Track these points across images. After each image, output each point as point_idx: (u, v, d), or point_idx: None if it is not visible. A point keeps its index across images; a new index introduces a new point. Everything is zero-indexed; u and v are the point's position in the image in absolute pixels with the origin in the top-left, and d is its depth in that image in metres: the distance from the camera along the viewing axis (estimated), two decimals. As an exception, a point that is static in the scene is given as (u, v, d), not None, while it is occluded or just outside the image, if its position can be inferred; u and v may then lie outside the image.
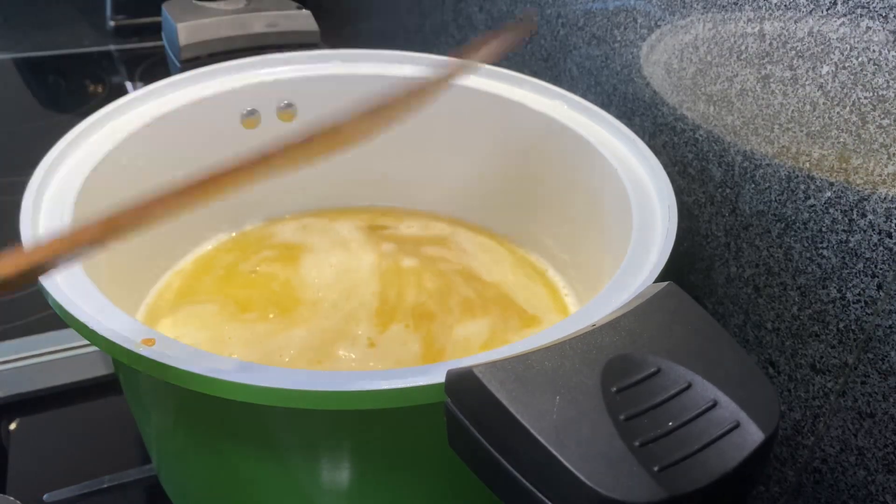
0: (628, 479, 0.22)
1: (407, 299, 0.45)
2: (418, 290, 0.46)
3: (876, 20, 0.31)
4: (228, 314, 0.44)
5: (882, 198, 0.32)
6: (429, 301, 0.45)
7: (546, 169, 0.47)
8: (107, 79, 0.90)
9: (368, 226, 0.52)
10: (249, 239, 0.50)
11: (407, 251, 0.50)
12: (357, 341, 0.42)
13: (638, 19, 0.44)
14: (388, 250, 0.50)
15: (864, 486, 0.35)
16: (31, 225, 0.34)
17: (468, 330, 0.44)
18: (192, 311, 0.44)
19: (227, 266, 0.48)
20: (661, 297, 0.28)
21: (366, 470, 0.32)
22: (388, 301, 0.45)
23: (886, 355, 0.33)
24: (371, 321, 0.44)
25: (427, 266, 0.48)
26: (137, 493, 0.43)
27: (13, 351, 0.50)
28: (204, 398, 0.27)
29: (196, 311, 0.45)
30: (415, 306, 0.45)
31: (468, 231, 0.52)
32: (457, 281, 0.47)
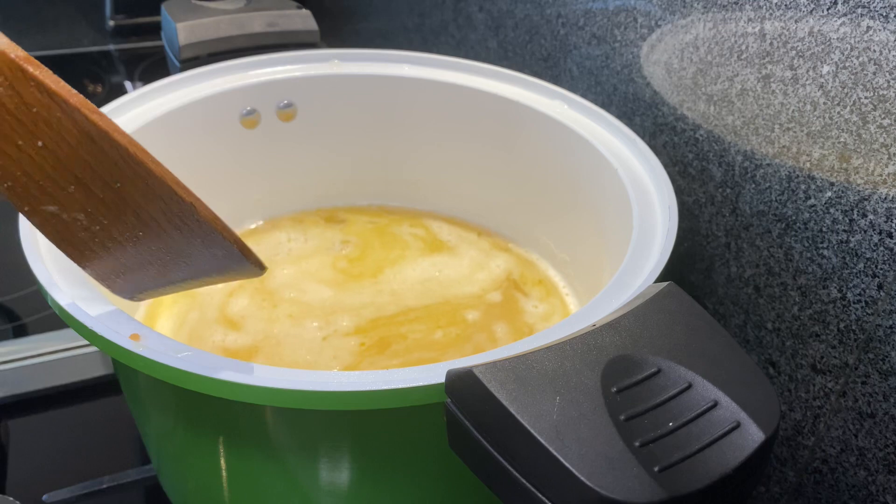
0: (628, 480, 0.22)
1: (406, 299, 0.45)
2: (418, 289, 0.46)
3: (876, 20, 0.31)
4: (228, 314, 0.44)
5: (882, 198, 0.32)
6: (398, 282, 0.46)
7: (546, 169, 0.47)
8: (106, 79, 0.90)
9: (368, 226, 0.52)
10: (249, 239, 0.50)
11: (406, 251, 0.50)
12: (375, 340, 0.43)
13: (638, 19, 0.44)
14: (388, 250, 0.50)
15: (865, 487, 0.35)
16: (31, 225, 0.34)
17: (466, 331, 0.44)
18: (192, 311, 0.44)
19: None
20: (662, 297, 0.28)
21: (366, 470, 0.32)
22: (384, 301, 0.45)
23: (887, 355, 0.33)
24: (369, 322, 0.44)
25: (426, 266, 0.48)
26: (137, 493, 0.43)
27: (13, 351, 0.50)
28: (203, 398, 0.27)
29: (196, 311, 0.45)
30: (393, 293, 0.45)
31: (468, 231, 0.52)
32: (456, 281, 0.47)
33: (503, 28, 0.59)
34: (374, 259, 0.49)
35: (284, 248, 0.50)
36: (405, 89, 0.49)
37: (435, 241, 0.51)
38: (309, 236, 0.51)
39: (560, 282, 0.48)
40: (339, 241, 0.50)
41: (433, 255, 0.49)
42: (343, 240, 0.50)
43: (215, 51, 0.56)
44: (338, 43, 0.90)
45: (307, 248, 0.50)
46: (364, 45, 0.78)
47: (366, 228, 0.52)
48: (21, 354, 0.50)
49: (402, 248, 0.50)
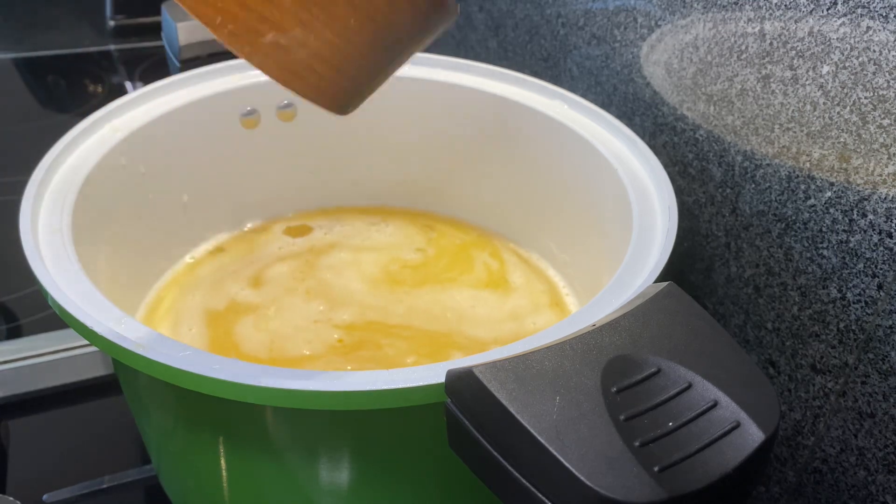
0: (628, 480, 0.22)
1: (415, 318, 0.45)
2: (436, 313, 0.45)
3: (876, 20, 0.31)
4: (229, 314, 0.44)
5: (882, 198, 0.32)
6: (401, 287, 0.46)
7: (546, 169, 0.47)
8: (106, 79, 0.90)
9: (366, 225, 0.52)
10: (250, 238, 0.50)
11: (406, 251, 0.50)
12: (355, 340, 0.43)
13: (638, 19, 0.44)
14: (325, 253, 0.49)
15: (865, 487, 0.35)
16: (31, 225, 0.34)
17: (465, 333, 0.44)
18: (192, 311, 0.44)
19: (227, 265, 0.48)
20: (661, 298, 0.28)
21: (366, 470, 0.32)
22: (394, 311, 0.45)
23: (887, 355, 0.33)
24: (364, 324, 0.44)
25: (466, 297, 0.47)
26: (137, 493, 0.43)
27: (13, 351, 0.50)
28: (204, 398, 0.27)
29: (196, 311, 0.45)
30: (391, 296, 0.45)
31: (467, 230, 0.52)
32: (370, 257, 0.48)
33: (503, 28, 0.59)
34: (428, 272, 0.48)
35: (365, 233, 0.51)
36: (405, 89, 0.49)
37: (500, 278, 0.48)
38: (393, 230, 0.51)
39: (560, 282, 0.48)
40: (415, 247, 0.50)
41: (484, 289, 0.47)
42: (419, 247, 0.49)
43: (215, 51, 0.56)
44: (338, 43, 0.90)
45: (382, 241, 0.50)
46: (364, 45, 0.78)
47: (449, 241, 0.50)
48: (21, 354, 0.50)
49: (461, 272, 0.48)
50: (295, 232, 0.51)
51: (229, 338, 0.43)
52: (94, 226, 0.37)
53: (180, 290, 0.46)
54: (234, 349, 0.42)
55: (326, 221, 0.52)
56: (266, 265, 0.48)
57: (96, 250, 0.38)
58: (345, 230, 0.51)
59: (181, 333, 0.43)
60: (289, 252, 0.49)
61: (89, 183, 0.38)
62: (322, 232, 0.51)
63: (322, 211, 0.53)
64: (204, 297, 0.45)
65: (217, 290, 0.46)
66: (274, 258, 0.48)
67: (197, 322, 0.44)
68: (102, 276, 0.37)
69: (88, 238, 0.36)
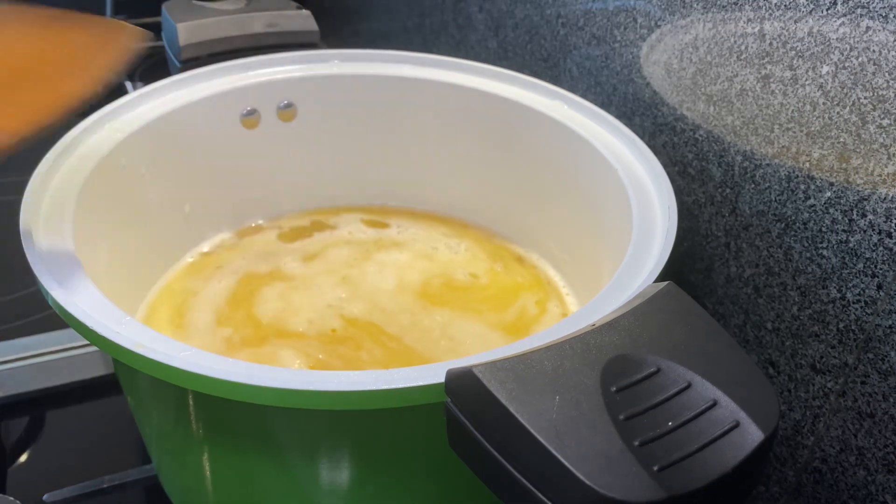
0: (628, 479, 0.22)
1: (415, 314, 0.45)
2: (435, 308, 0.45)
3: (876, 20, 0.31)
4: (229, 313, 0.44)
5: (882, 198, 0.32)
6: (425, 302, 0.45)
7: (546, 169, 0.47)
8: (107, 79, 0.90)
9: (366, 225, 0.52)
10: (250, 237, 0.50)
11: (405, 251, 0.50)
12: (345, 335, 0.43)
13: (638, 19, 0.44)
14: (386, 249, 0.50)
15: (864, 487, 0.35)
16: (31, 225, 0.34)
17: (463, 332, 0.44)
18: (192, 311, 0.44)
19: (227, 265, 0.48)
20: (661, 297, 0.28)
21: (366, 470, 0.32)
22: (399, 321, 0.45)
23: (886, 355, 0.33)
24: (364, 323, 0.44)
25: (425, 266, 0.48)
26: (137, 493, 0.43)
27: (13, 351, 0.50)
28: (204, 398, 0.27)
29: (196, 311, 0.45)
30: (409, 307, 0.45)
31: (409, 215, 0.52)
32: (421, 265, 0.47)
33: (503, 28, 0.59)
34: (461, 297, 0.46)
35: (434, 242, 0.50)
36: (405, 89, 0.49)
37: (525, 326, 0.45)
38: (464, 248, 0.50)
39: (560, 282, 0.48)
40: (471, 271, 0.48)
41: (498, 331, 0.44)
42: (475, 272, 0.48)
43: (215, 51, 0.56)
44: (338, 43, 0.90)
45: (445, 255, 0.49)
46: (364, 45, 0.78)
47: (508, 278, 0.48)
48: (21, 354, 0.50)
49: (492, 308, 0.45)
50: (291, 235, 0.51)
51: (251, 295, 0.45)
52: (94, 226, 0.37)
53: (181, 290, 0.46)
54: (248, 306, 0.45)
55: (398, 220, 0.52)
56: (326, 245, 0.49)
57: (96, 250, 0.38)
58: (418, 234, 0.51)
59: (210, 286, 0.44)
60: (354, 239, 0.50)
61: (89, 183, 0.38)
62: (395, 230, 0.51)
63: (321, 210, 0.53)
64: (249, 261, 0.48)
65: (266, 258, 0.47)
66: (339, 241, 0.50)
67: (230, 278, 0.46)
68: (102, 276, 0.37)
69: (88, 238, 0.36)
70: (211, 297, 0.45)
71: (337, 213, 0.53)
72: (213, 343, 0.43)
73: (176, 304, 0.45)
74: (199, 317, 0.44)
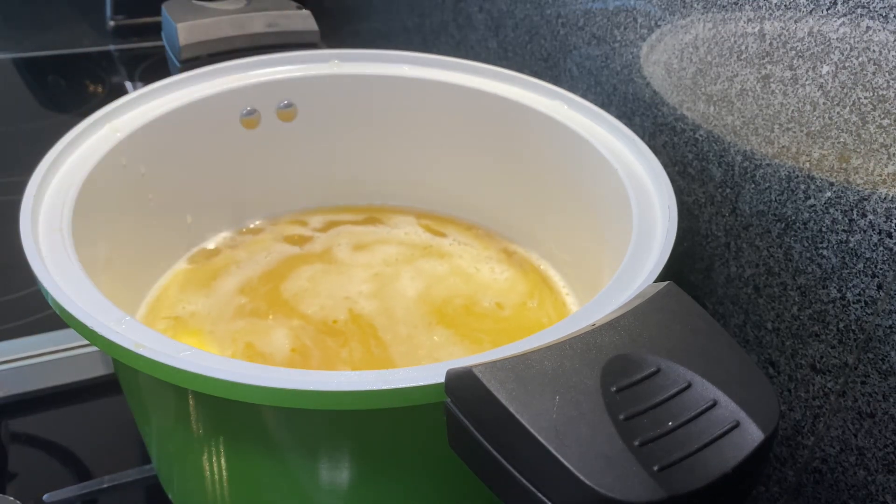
0: (628, 479, 0.22)
1: (416, 326, 0.45)
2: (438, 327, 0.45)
3: (876, 20, 0.31)
4: (229, 313, 0.44)
5: (882, 198, 0.32)
6: (434, 319, 0.45)
7: (546, 169, 0.47)
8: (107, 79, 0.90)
9: (367, 225, 0.52)
10: (250, 237, 0.50)
11: (405, 251, 0.50)
12: (342, 329, 0.43)
13: (638, 19, 0.44)
14: (385, 249, 0.49)
15: (864, 486, 0.35)
16: (31, 225, 0.34)
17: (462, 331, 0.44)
18: (192, 311, 0.44)
19: (227, 264, 0.48)
20: (661, 297, 0.28)
21: (366, 470, 0.32)
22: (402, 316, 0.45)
23: (886, 355, 0.33)
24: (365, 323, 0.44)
25: (457, 284, 0.47)
26: (137, 493, 0.43)
27: (13, 351, 0.50)
28: (204, 398, 0.27)
29: (196, 311, 0.45)
30: (415, 320, 0.45)
31: (467, 229, 0.52)
32: (455, 281, 0.47)
33: (503, 28, 0.59)
34: (470, 322, 0.45)
35: (484, 264, 0.49)
36: (405, 89, 0.49)
37: None
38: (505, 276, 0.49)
39: (560, 282, 0.48)
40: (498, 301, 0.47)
41: None
42: (502, 302, 0.47)
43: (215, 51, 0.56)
44: (338, 43, 0.90)
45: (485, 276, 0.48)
46: (364, 45, 0.78)
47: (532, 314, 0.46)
48: (21, 354, 0.50)
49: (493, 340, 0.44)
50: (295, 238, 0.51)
51: (285, 272, 0.47)
52: (94, 226, 0.37)
53: (181, 290, 0.46)
54: (278, 280, 0.46)
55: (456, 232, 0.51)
56: (379, 240, 0.50)
57: (96, 250, 0.38)
58: (469, 250, 0.50)
59: (182, 333, 0.43)
60: (407, 240, 0.50)
61: (89, 183, 0.38)
62: (450, 241, 0.50)
63: (321, 210, 0.53)
64: (206, 296, 0.46)
65: (219, 290, 0.46)
66: (392, 239, 0.50)
67: (272, 253, 0.48)
68: (102, 276, 0.37)
69: (88, 238, 0.36)
70: (249, 267, 0.47)
71: (335, 213, 0.53)
72: (224, 307, 0.45)
73: (214, 268, 0.45)
74: (228, 281, 0.46)
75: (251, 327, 0.44)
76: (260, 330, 0.43)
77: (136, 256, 0.44)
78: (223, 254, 0.49)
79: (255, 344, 0.43)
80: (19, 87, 0.89)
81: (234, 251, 0.49)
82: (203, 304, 0.45)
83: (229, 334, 0.43)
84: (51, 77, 0.92)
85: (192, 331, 0.44)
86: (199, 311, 0.45)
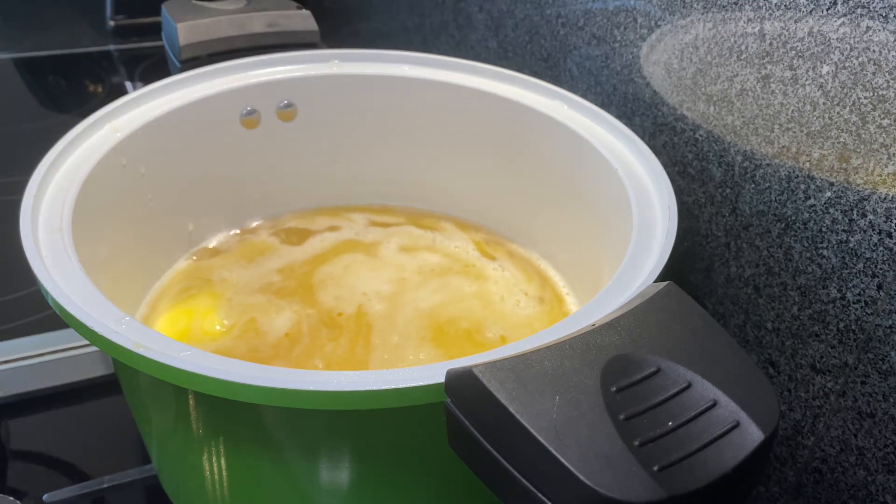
0: (628, 479, 0.22)
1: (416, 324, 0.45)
2: (429, 302, 0.45)
3: (876, 20, 0.31)
4: (255, 286, 0.45)
5: (882, 198, 0.32)
6: (411, 290, 0.46)
7: (546, 169, 0.47)
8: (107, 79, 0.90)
9: (367, 224, 0.52)
10: (250, 237, 0.50)
11: (445, 263, 0.49)
12: (344, 323, 0.43)
13: (638, 19, 0.44)
14: (428, 257, 0.49)
15: (864, 487, 0.35)
16: (31, 225, 0.34)
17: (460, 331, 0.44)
18: (225, 278, 0.45)
19: (227, 264, 0.48)
20: (661, 297, 0.28)
21: (365, 470, 0.32)
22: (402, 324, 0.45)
23: (886, 355, 0.33)
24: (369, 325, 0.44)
25: (475, 309, 0.47)
26: (137, 493, 0.43)
27: (13, 351, 0.50)
28: (203, 398, 0.27)
29: (230, 279, 0.45)
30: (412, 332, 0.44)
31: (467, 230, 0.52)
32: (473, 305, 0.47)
33: (503, 28, 0.59)
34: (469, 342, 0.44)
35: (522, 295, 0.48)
36: (405, 89, 0.49)
37: None
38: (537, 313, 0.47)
39: (560, 282, 0.48)
40: (338, 240, 0.50)
41: None
42: (342, 238, 0.50)
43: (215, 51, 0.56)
44: (338, 43, 0.90)
45: (306, 247, 0.50)
46: (364, 45, 0.78)
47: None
48: (21, 354, 0.50)
49: None
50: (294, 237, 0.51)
51: (330, 256, 0.48)
52: (94, 226, 0.37)
53: (181, 290, 0.46)
54: (318, 265, 0.48)
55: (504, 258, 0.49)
56: (429, 246, 0.50)
57: (96, 250, 0.38)
58: (511, 279, 0.48)
59: (182, 333, 0.43)
60: (452, 252, 0.49)
61: (89, 183, 0.38)
62: (495, 266, 0.49)
63: (321, 210, 0.53)
64: (358, 231, 0.50)
65: (219, 289, 0.46)
66: (440, 248, 0.50)
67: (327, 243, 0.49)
68: (102, 276, 0.37)
69: (88, 238, 0.36)
70: (302, 249, 0.49)
71: (335, 213, 0.53)
72: (254, 281, 0.47)
73: (176, 304, 0.45)
74: (272, 260, 0.48)
75: (266, 304, 0.45)
76: (271, 308, 0.44)
77: (136, 256, 0.44)
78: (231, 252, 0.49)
79: (258, 320, 0.44)
80: (19, 87, 0.89)
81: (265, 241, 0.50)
82: (240, 275, 0.47)
83: (242, 306, 0.45)
84: (51, 77, 0.92)
85: (213, 294, 0.45)
86: (232, 279, 0.47)
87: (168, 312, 0.45)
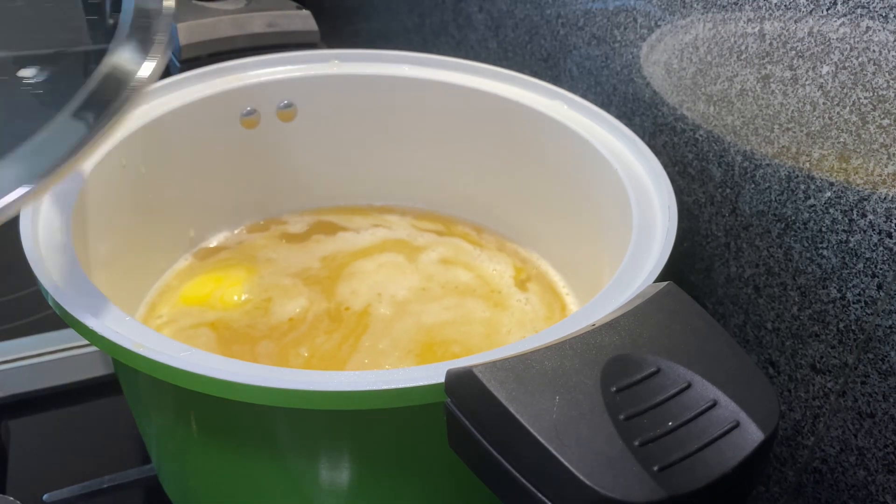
0: (628, 479, 0.22)
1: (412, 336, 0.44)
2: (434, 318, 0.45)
3: (876, 20, 0.31)
4: (292, 270, 0.45)
5: (882, 198, 0.32)
6: (424, 302, 0.45)
7: (546, 169, 0.47)
8: (107, 79, 0.90)
9: (367, 224, 0.52)
10: (250, 237, 0.50)
11: (473, 285, 0.48)
12: (347, 318, 0.43)
13: (638, 19, 0.44)
14: (459, 274, 0.49)
15: (864, 487, 0.35)
16: (31, 225, 0.34)
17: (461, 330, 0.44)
18: (192, 311, 0.44)
19: (227, 264, 0.48)
20: (661, 297, 0.28)
21: (365, 470, 0.32)
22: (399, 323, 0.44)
23: (886, 355, 0.33)
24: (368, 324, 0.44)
25: (470, 305, 0.47)
26: (137, 493, 0.43)
27: (13, 351, 0.50)
28: (204, 398, 0.27)
29: (272, 258, 0.45)
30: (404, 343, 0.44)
31: (466, 230, 0.52)
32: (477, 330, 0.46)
33: (503, 28, 0.59)
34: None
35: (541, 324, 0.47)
36: (405, 89, 0.49)
37: None
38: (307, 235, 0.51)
39: (560, 282, 0.48)
40: (338, 240, 0.50)
41: None
42: (342, 238, 0.50)
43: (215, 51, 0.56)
44: (338, 43, 0.90)
45: (306, 247, 0.50)
46: (364, 45, 0.78)
47: None
48: (21, 354, 0.50)
49: None
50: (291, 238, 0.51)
51: (375, 249, 0.49)
52: (94, 226, 0.37)
53: (181, 290, 0.46)
54: (358, 256, 0.48)
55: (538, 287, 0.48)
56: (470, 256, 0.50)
57: (96, 250, 0.38)
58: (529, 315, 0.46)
59: (182, 333, 0.43)
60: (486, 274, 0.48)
61: (89, 183, 0.38)
62: (524, 298, 0.47)
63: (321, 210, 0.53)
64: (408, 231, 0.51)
65: (219, 289, 0.46)
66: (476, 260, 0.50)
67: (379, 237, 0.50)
68: (102, 276, 0.37)
69: (88, 238, 0.36)
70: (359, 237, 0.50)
71: (335, 213, 0.53)
72: (292, 264, 0.48)
73: (176, 304, 0.45)
74: (318, 248, 0.49)
75: (290, 288, 0.46)
76: (292, 293, 0.45)
77: (136, 256, 0.44)
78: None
79: (273, 301, 0.45)
80: (19, 86, 0.89)
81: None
82: (284, 256, 0.48)
83: (266, 286, 0.46)
84: (51, 77, 0.92)
85: (249, 269, 0.47)
86: (274, 259, 0.48)
87: (200, 276, 0.46)
